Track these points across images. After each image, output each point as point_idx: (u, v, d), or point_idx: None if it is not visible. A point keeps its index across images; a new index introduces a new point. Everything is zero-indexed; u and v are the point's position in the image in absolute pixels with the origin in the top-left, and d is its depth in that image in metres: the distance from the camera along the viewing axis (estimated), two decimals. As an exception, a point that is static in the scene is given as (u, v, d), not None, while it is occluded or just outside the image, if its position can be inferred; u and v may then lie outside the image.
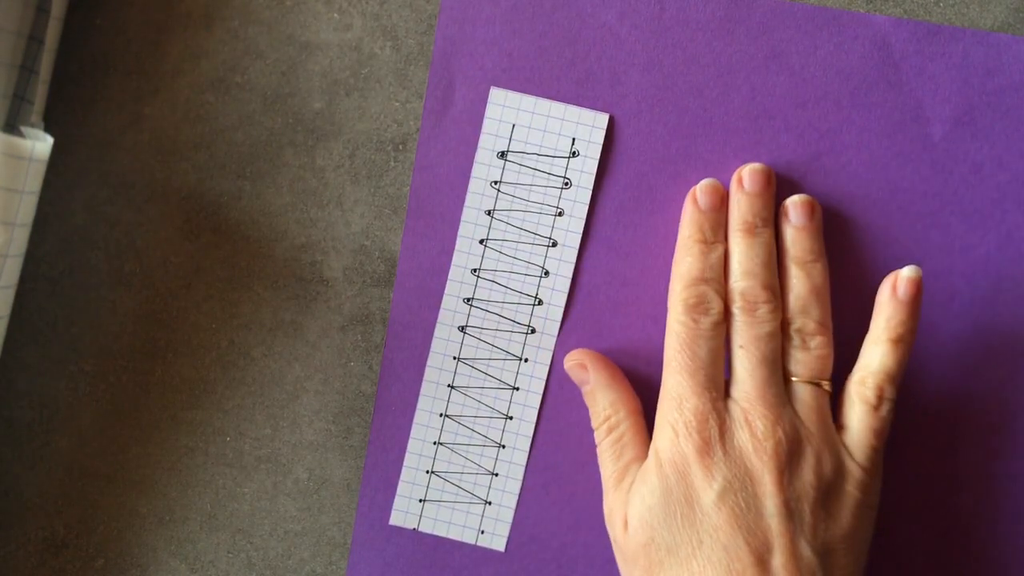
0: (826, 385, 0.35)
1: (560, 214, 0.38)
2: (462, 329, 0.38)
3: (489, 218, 0.38)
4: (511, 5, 0.37)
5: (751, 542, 0.32)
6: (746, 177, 0.36)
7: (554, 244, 0.38)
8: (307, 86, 0.38)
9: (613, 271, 0.38)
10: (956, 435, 0.37)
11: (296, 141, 0.38)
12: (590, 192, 0.38)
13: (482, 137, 0.38)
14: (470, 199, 0.38)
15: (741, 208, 0.36)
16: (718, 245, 0.36)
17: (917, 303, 0.35)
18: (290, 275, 0.39)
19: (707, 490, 0.33)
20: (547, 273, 0.38)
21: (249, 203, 0.39)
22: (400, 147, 0.38)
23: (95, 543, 0.40)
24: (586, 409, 0.38)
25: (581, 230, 0.38)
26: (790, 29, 0.37)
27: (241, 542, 0.40)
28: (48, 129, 0.38)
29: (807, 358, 0.35)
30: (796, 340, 0.35)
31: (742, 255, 0.35)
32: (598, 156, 0.37)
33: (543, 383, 0.38)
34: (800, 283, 0.35)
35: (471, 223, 0.38)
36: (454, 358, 0.38)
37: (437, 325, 0.38)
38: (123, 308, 0.39)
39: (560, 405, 0.38)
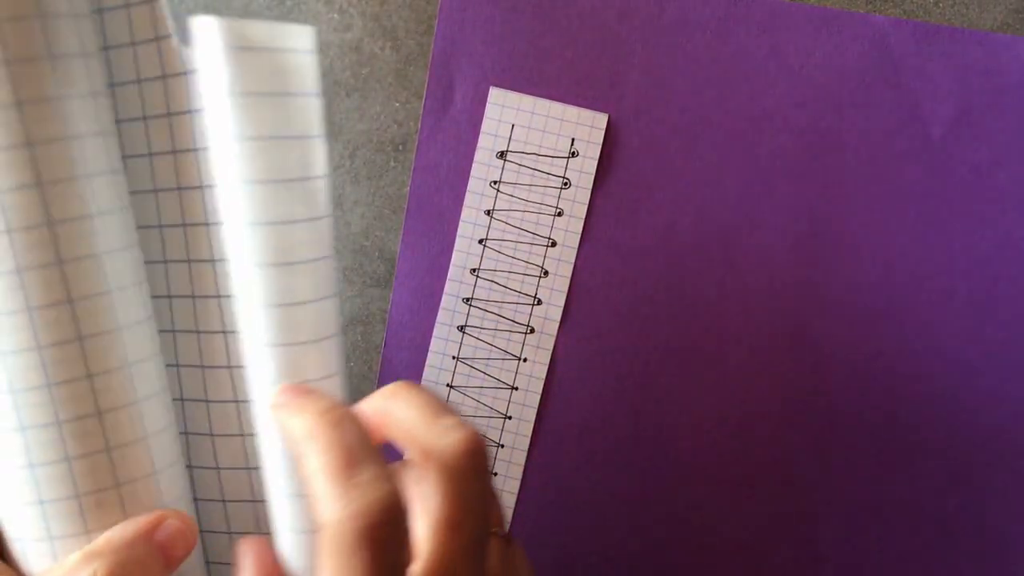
0: None
1: (559, 214, 0.38)
2: (461, 329, 0.38)
3: (488, 218, 0.38)
4: (511, 5, 0.37)
5: None
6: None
7: (553, 244, 0.38)
8: (307, 86, 0.38)
9: (612, 271, 0.38)
10: (954, 435, 0.37)
11: (296, 141, 0.38)
12: (589, 192, 0.38)
13: (481, 137, 0.38)
14: (469, 199, 0.38)
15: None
16: None
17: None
18: (290, 275, 0.39)
19: None
20: (546, 273, 0.38)
21: (249, 203, 0.39)
22: (400, 147, 0.38)
23: (96, 542, 0.40)
24: (586, 410, 0.38)
25: (580, 230, 0.38)
26: (789, 29, 0.37)
27: (241, 541, 0.40)
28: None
29: None
30: None
31: None
32: (597, 156, 0.37)
33: (542, 383, 0.38)
34: None
35: (470, 223, 0.38)
36: (453, 358, 0.38)
37: (436, 325, 0.38)
38: (124, 307, 0.39)
39: (559, 405, 0.38)
